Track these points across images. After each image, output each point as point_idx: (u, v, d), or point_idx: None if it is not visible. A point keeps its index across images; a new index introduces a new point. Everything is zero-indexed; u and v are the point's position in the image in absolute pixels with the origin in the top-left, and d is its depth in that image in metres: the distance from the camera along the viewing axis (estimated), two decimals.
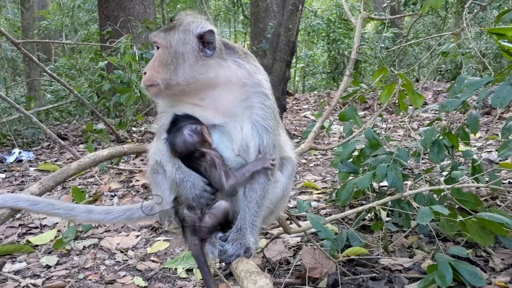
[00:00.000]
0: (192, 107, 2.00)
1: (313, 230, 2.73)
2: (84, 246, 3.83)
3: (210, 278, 1.97)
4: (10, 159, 6.87)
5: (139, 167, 6.02)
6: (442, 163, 3.61)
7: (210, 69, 1.93)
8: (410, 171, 4.58)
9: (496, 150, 4.90)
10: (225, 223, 1.97)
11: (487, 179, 3.31)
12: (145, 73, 1.93)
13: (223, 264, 2.08)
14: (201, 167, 1.94)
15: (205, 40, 1.91)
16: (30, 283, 3.23)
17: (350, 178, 3.63)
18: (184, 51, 1.91)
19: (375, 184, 3.85)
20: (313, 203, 4.29)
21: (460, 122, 3.51)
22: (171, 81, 1.90)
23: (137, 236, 4.00)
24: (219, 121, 1.99)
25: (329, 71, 16.88)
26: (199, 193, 1.89)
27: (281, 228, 2.90)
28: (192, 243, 1.93)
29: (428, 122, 5.50)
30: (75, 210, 2.17)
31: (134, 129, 8.72)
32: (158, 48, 1.96)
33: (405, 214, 3.13)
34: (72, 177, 2.77)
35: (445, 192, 3.02)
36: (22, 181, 5.82)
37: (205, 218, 1.93)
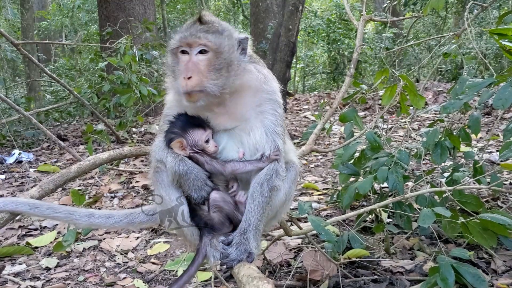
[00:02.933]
0: (204, 113, 2.01)
1: (314, 232, 2.72)
2: (84, 248, 3.82)
3: (187, 280, 1.97)
4: (10, 160, 6.86)
5: (139, 168, 6.01)
6: (443, 164, 3.60)
7: (240, 74, 1.96)
8: (411, 172, 4.56)
9: (497, 151, 4.89)
10: (231, 216, 1.99)
11: (488, 180, 3.30)
12: (190, 77, 1.85)
13: (224, 267, 2.07)
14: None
15: (241, 47, 1.96)
16: (30, 286, 3.22)
17: (352, 179, 3.62)
18: (233, 57, 1.93)
19: (376, 186, 3.83)
20: (314, 205, 4.28)
21: (461, 123, 3.50)
22: (220, 87, 1.88)
23: (137, 237, 3.99)
24: (230, 126, 2.02)
25: (329, 71, 16.87)
26: (201, 185, 1.90)
27: (282, 230, 2.89)
28: (205, 241, 1.93)
29: (429, 122, 5.50)
30: (76, 214, 2.15)
31: (134, 129, 8.71)
32: (204, 51, 1.88)
33: (407, 216, 3.12)
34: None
35: (446, 194, 3.01)
36: (22, 182, 5.81)
37: (212, 214, 1.95)
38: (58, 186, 2.28)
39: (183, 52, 1.91)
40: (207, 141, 1.98)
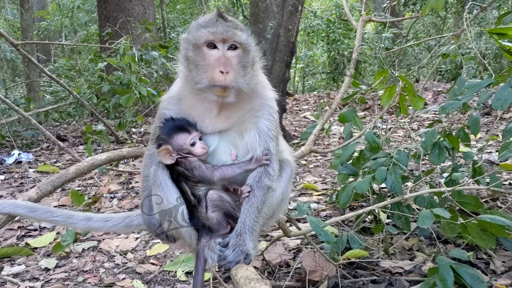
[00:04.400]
0: (203, 114, 2.01)
1: (313, 232, 2.72)
2: (83, 249, 3.82)
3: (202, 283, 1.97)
4: (10, 160, 6.86)
5: (139, 169, 6.00)
6: (442, 165, 3.60)
7: (257, 74, 2.02)
8: (410, 172, 4.56)
9: (497, 151, 4.89)
10: (230, 214, 1.99)
11: (487, 180, 3.30)
12: (227, 72, 1.84)
13: (222, 269, 2.06)
14: (185, 168, 1.98)
15: None
16: (29, 286, 3.22)
17: (350, 179, 3.62)
18: (256, 56, 1.99)
19: (375, 186, 3.83)
20: (313, 205, 4.28)
21: (460, 123, 3.50)
22: (248, 85, 1.92)
23: (137, 238, 3.99)
24: (224, 127, 2.02)
25: (329, 71, 16.85)
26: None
27: (281, 231, 2.88)
28: (203, 244, 1.93)
29: (428, 122, 5.48)
30: (74, 218, 2.15)
31: (133, 130, 8.71)
32: (234, 47, 1.88)
33: (405, 217, 3.12)
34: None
35: (445, 194, 3.01)
36: (21, 183, 5.81)
37: (210, 214, 1.95)
38: (56, 187, 2.28)
39: (210, 46, 1.88)
40: (193, 144, 1.97)
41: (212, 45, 1.87)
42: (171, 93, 2.12)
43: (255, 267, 1.80)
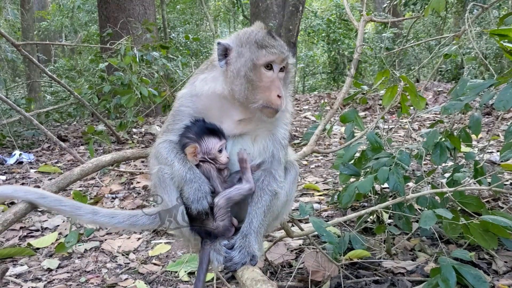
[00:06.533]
0: (222, 117, 2.02)
1: (315, 233, 2.72)
2: (85, 249, 3.82)
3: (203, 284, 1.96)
4: (11, 161, 6.85)
5: (140, 169, 6.01)
6: (444, 165, 3.61)
7: None
8: (412, 172, 4.57)
9: (498, 151, 4.89)
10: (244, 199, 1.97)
11: (489, 180, 3.31)
12: (280, 96, 1.88)
13: (226, 270, 2.07)
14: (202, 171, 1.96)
15: None
16: (32, 287, 3.23)
17: (352, 180, 3.62)
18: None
19: (377, 186, 3.84)
20: (315, 205, 4.28)
21: (461, 123, 3.51)
22: (284, 107, 1.96)
23: (139, 238, 4.00)
24: (240, 132, 2.04)
25: (329, 71, 16.88)
26: (201, 197, 1.85)
27: (283, 232, 2.89)
28: (207, 247, 1.93)
29: (430, 123, 5.50)
30: (81, 210, 2.16)
31: (134, 130, 8.71)
32: (283, 69, 1.93)
33: (406, 218, 3.12)
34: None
35: (447, 195, 3.02)
36: (23, 183, 5.81)
37: (218, 223, 1.94)
38: (61, 188, 2.29)
39: (267, 67, 1.89)
40: (220, 151, 1.96)
41: (269, 66, 1.89)
42: (192, 91, 2.06)
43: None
